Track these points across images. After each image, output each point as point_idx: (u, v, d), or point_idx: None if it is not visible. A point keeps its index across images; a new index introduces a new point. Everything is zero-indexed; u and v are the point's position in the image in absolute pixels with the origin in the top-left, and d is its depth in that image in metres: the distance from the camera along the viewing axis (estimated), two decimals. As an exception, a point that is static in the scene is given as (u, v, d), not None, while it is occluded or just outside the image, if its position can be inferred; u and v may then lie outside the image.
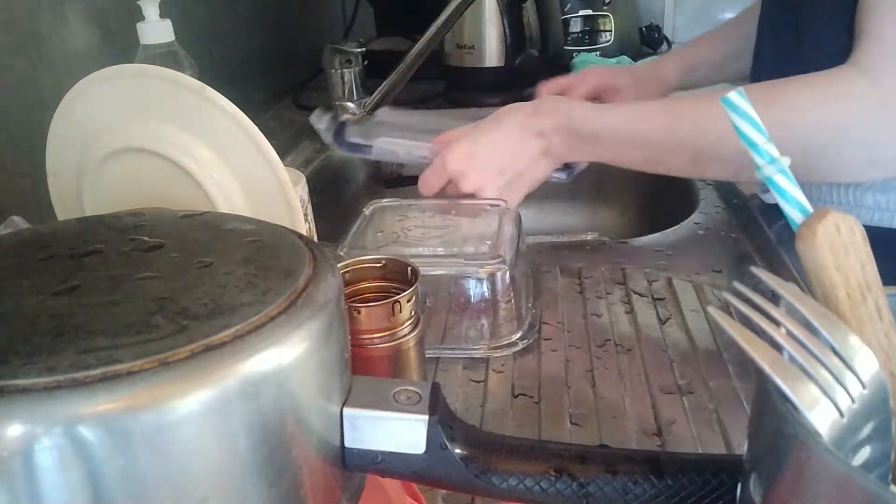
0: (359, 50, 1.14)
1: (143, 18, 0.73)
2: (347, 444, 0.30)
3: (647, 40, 1.56)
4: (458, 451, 0.30)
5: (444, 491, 0.45)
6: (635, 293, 0.69)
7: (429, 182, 0.73)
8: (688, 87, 0.99)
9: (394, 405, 0.30)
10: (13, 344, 0.24)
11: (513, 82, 1.31)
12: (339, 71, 1.15)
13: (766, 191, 0.85)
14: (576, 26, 1.45)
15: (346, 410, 0.30)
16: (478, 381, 0.58)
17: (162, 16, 0.74)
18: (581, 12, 1.44)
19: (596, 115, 0.72)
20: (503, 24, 1.30)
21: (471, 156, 0.70)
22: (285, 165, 0.45)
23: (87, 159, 0.46)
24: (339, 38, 1.55)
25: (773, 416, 0.24)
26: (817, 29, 0.67)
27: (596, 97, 0.95)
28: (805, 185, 0.27)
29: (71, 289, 0.28)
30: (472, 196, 0.72)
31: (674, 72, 0.97)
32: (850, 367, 0.24)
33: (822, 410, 0.23)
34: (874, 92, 0.60)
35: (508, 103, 0.76)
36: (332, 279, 0.30)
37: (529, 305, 0.66)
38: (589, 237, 0.87)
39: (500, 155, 0.71)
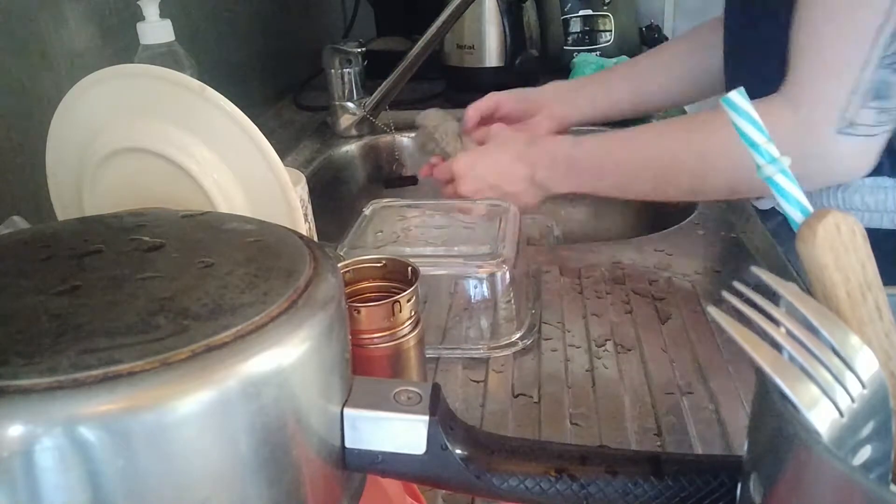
0: (359, 50, 1.14)
1: (143, 18, 0.73)
2: (348, 444, 0.30)
3: (646, 40, 1.56)
4: (458, 451, 0.30)
5: (444, 491, 0.45)
6: (635, 293, 0.69)
7: (436, 173, 0.86)
8: (640, 111, 1.04)
9: (394, 405, 0.30)
10: (14, 344, 0.24)
11: (513, 82, 1.31)
12: (339, 71, 1.15)
13: (759, 197, 0.86)
14: (576, 26, 1.45)
15: (347, 411, 0.30)
16: (478, 381, 0.58)
17: (162, 16, 0.74)
18: (581, 12, 1.44)
19: (572, 146, 0.79)
20: (503, 24, 1.30)
21: (473, 165, 0.81)
22: (285, 165, 0.45)
23: (87, 159, 0.46)
24: (339, 38, 1.56)
25: (773, 416, 0.24)
26: (781, 46, 0.69)
27: (520, 116, 0.98)
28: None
29: (71, 289, 0.28)
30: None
31: (625, 94, 1.00)
32: (850, 367, 0.24)
33: (822, 410, 0.23)
34: (795, 118, 0.65)
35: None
36: (332, 279, 0.30)
37: (529, 305, 0.66)
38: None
39: (495, 173, 0.81)
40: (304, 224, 0.49)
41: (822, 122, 0.63)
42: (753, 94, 0.28)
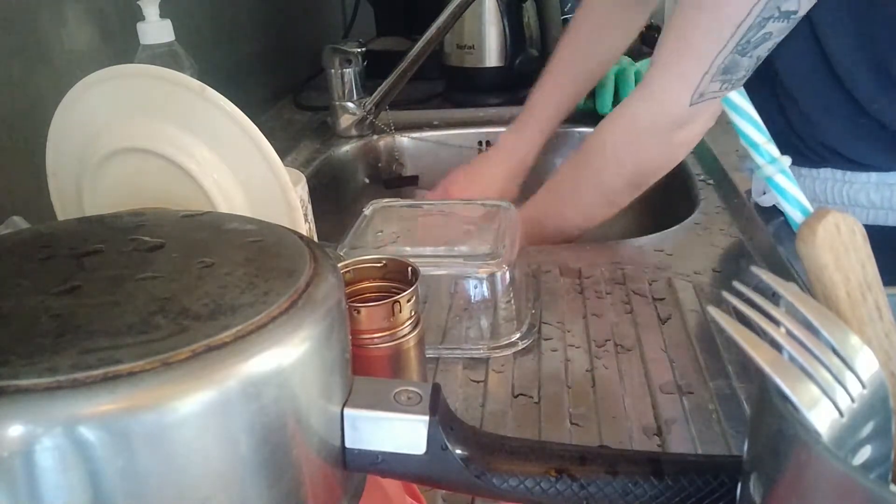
0: (359, 50, 1.14)
1: (143, 18, 0.73)
2: (348, 444, 0.30)
3: (647, 40, 1.56)
4: (458, 451, 0.30)
5: (444, 491, 0.45)
6: (635, 293, 0.69)
7: (432, 194, 1.00)
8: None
9: (394, 406, 0.30)
10: (14, 344, 0.24)
11: (513, 82, 1.31)
12: (339, 71, 1.15)
13: (762, 193, 0.86)
14: (576, 26, 1.44)
15: (347, 411, 0.30)
16: (478, 381, 0.58)
17: (162, 16, 0.73)
18: (581, 12, 1.44)
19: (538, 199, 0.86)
20: (503, 24, 1.30)
21: (462, 175, 0.98)
22: (285, 165, 0.45)
23: (87, 159, 0.46)
24: (339, 38, 1.56)
25: (773, 416, 0.24)
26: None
27: None
28: (798, 185, 0.28)
29: (72, 289, 0.28)
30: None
31: (535, 148, 1.05)
32: (850, 367, 0.24)
33: (822, 410, 0.23)
34: (666, 117, 0.74)
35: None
36: (333, 279, 0.30)
37: (529, 305, 0.66)
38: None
39: (479, 185, 0.96)
40: (304, 224, 0.49)
41: (677, 102, 0.71)
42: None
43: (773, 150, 0.28)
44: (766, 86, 0.80)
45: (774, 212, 0.86)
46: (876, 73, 0.69)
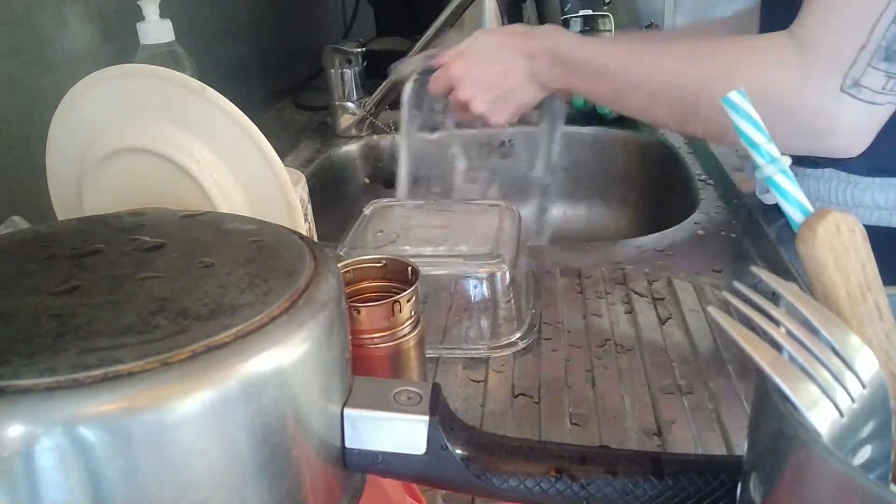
0: (359, 50, 1.14)
1: (143, 18, 0.73)
2: (348, 444, 0.30)
3: (647, 40, 1.56)
4: (458, 451, 0.30)
5: (443, 491, 0.45)
6: (635, 293, 0.69)
7: (433, 86, 0.82)
8: None
9: (394, 406, 0.30)
10: (14, 344, 0.24)
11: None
12: (339, 71, 1.15)
13: (766, 191, 0.86)
14: (576, 26, 1.45)
15: (347, 411, 0.30)
16: (478, 381, 0.58)
17: (162, 16, 0.73)
18: (581, 12, 1.44)
19: (575, 46, 0.75)
20: (503, 24, 1.30)
21: (467, 67, 0.78)
22: (285, 165, 0.45)
23: (86, 159, 0.46)
24: (339, 38, 1.55)
25: (773, 416, 0.24)
26: None
27: None
28: (801, 185, 0.27)
29: (72, 289, 0.28)
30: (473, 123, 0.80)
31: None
32: (850, 367, 0.24)
33: (822, 410, 0.23)
34: (800, 61, 0.61)
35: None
36: (332, 279, 0.30)
37: (529, 305, 0.66)
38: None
39: (492, 72, 0.77)
40: (304, 224, 0.49)
41: (827, 72, 0.59)
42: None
43: (774, 150, 0.28)
44: None
45: (777, 212, 0.86)
46: None
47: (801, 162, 0.77)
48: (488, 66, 0.78)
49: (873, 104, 0.58)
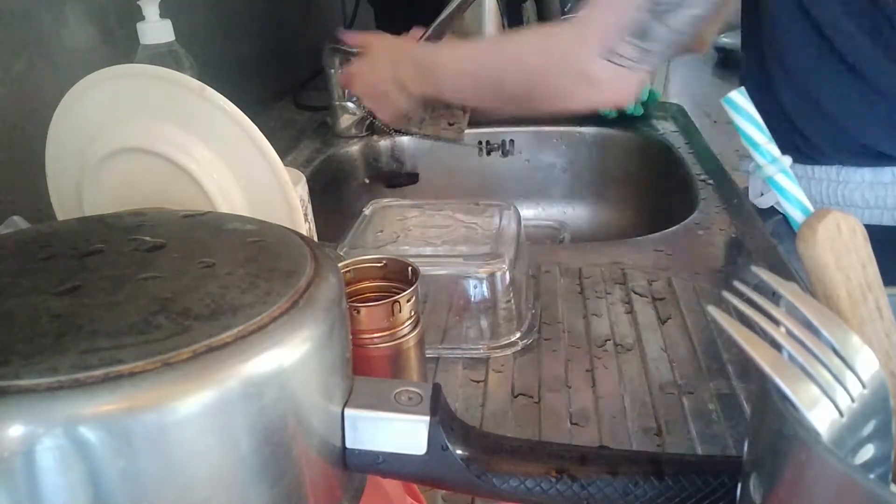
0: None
1: (143, 18, 0.73)
2: (349, 444, 0.30)
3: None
4: (459, 451, 0.30)
5: (444, 491, 0.45)
6: (635, 293, 0.69)
7: (340, 78, 0.98)
8: None
9: (395, 406, 0.30)
10: (15, 344, 0.24)
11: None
12: (339, 71, 1.14)
13: (759, 195, 0.86)
14: (575, 26, 1.44)
15: (348, 411, 0.30)
16: (478, 381, 0.58)
17: (162, 16, 0.73)
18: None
19: (434, 51, 0.85)
20: (503, 24, 1.30)
21: (358, 68, 0.89)
22: (285, 165, 0.45)
23: (86, 159, 0.46)
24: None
25: (773, 416, 0.24)
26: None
27: None
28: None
29: (72, 289, 0.28)
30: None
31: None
32: (850, 367, 0.24)
33: (822, 410, 0.23)
34: (576, 33, 0.70)
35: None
36: (333, 280, 0.30)
37: (529, 305, 0.66)
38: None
39: (370, 75, 0.87)
40: (304, 224, 0.49)
41: (586, 43, 0.69)
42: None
43: (774, 149, 0.28)
44: (766, 84, 0.80)
45: (772, 212, 0.86)
46: (884, 49, 0.69)
47: (795, 159, 0.78)
48: (368, 69, 0.87)
49: (629, 69, 0.68)
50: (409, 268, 0.44)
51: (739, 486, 0.28)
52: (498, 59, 0.79)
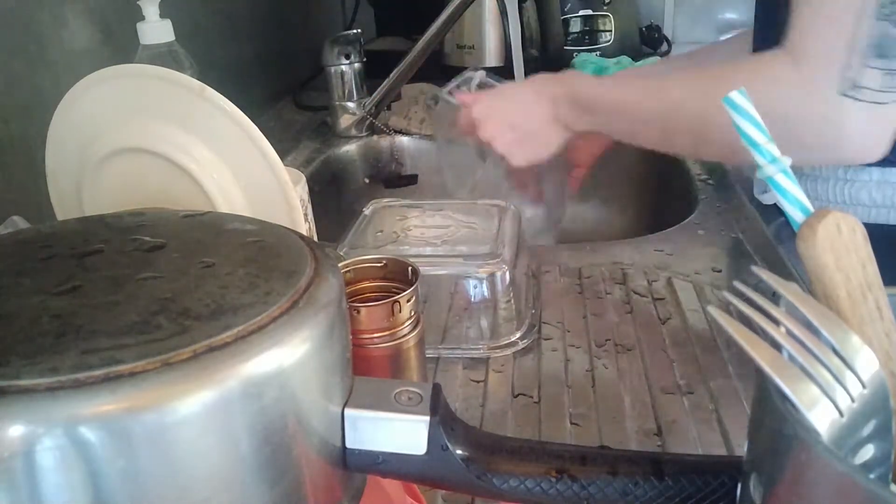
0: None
1: (143, 18, 0.73)
2: (349, 444, 0.30)
3: (647, 40, 1.56)
4: (459, 451, 0.30)
5: (444, 491, 0.45)
6: (635, 293, 0.69)
7: (460, 123, 0.85)
8: None
9: (395, 406, 0.30)
10: (15, 344, 0.24)
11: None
12: (339, 69, 1.14)
13: (764, 191, 0.86)
14: (576, 26, 1.45)
15: (348, 411, 0.30)
16: (478, 381, 0.58)
17: (162, 16, 0.73)
18: (581, 12, 1.44)
19: (593, 86, 0.79)
20: (503, 24, 1.30)
21: (491, 108, 0.81)
22: (285, 165, 0.45)
23: (86, 159, 0.46)
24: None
25: (773, 416, 0.24)
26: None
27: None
28: (799, 183, 0.28)
29: (72, 289, 0.28)
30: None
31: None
32: (850, 367, 0.24)
33: (821, 410, 0.23)
34: (797, 74, 0.61)
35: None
36: (333, 280, 0.30)
37: (529, 305, 0.66)
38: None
39: (514, 112, 0.80)
40: (304, 224, 0.49)
41: (823, 80, 0.59)
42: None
43: (774, 149, 0.28)
44: None
45: (775, 211, 0.86)
46: None
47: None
48: (510, 109, 0.81)
49: (877, 103, 0.58)
50: (409, 268, 0.44)
51: (739, 486, 0.28)
52: (680, 103, 0.70)
